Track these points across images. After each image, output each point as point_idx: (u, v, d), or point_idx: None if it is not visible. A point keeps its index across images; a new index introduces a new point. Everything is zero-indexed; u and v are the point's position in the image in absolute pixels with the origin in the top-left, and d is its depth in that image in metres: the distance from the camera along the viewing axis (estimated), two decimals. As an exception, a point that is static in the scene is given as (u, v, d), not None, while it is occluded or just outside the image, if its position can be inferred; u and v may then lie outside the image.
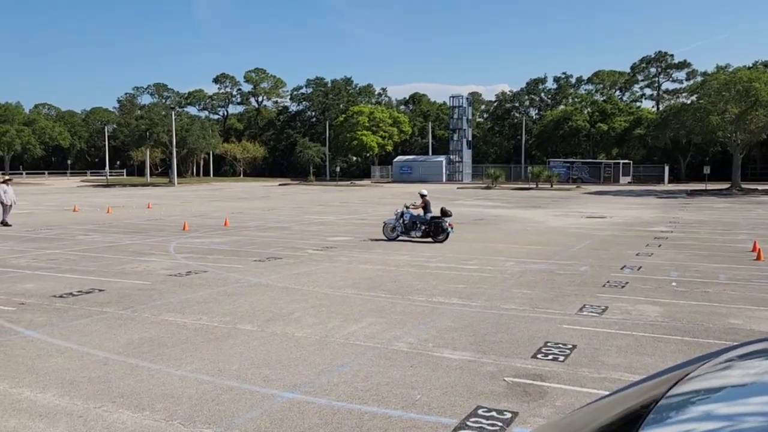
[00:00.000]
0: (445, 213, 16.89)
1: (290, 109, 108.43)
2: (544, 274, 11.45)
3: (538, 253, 14.23)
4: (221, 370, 5.92)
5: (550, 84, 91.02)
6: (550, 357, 6.34)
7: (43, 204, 33.85)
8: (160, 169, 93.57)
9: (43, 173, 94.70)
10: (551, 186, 56.12)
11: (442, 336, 7.13)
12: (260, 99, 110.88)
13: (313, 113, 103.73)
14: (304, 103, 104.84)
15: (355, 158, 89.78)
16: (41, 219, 23.88)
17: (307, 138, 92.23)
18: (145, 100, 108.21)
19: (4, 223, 20.72)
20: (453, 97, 78.39)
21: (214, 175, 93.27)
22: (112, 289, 9.83)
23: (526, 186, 57.92)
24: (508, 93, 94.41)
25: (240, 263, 12.67)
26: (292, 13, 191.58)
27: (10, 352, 6.48)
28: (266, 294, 9.57)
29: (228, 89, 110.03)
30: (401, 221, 17.19)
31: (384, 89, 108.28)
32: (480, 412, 4.91)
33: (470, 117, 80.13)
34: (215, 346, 6.71)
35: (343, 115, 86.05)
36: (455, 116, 77.13)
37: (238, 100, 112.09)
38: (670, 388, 1.27)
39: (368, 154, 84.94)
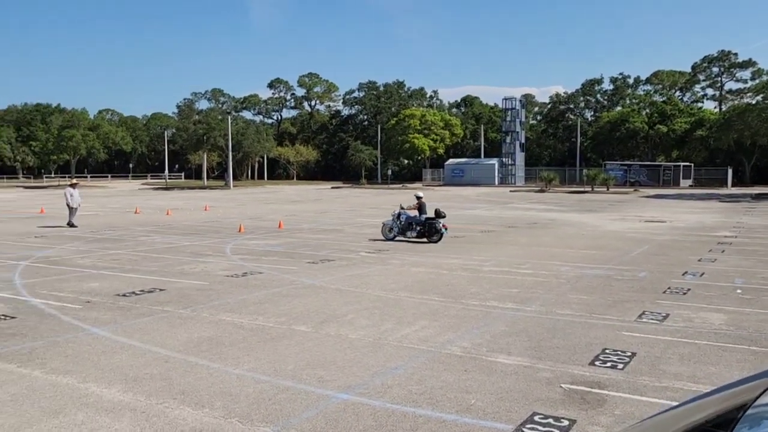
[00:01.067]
0: (438, 214, 17.38)
1: (342, 113, 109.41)
2: (600, 279, 11.20)
3: (595, 258, 13.93)
4: (277, 370, 6.01)
5: (607, 85, 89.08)
6: (609, 364, 6.20)
7: (107, 206, 35.12)
8: (216, 173, 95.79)
9: (107, 176, 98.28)
10: (607, 189, 54.85)
11: (496, 341, 7.06)
12: (313, 103, 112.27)
13: (365, 117, 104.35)
14: (356, 106, 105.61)
15: (406, 161, 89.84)
16: (105, 220, 24.78)
17: (359, 141, 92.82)
18: (203, 105, 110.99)
19: (71, 225, 21.60)
20: (506, 99, 77.59)
21: (268, 179, 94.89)
22: (172, 289, 10.11)
23: (581, 189, 56.78)
24: (563, 94, 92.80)
25: (294, 265, 12.85)
26: (345, 18, 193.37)
27: (77, 348, 6.74)
28: (320, 295, 9.67)
29: (282, 94, 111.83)
30: (398, 222, 17.72)
31: (435, 92, 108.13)
32: (536, 418, 4.84)
33: (523, 119, 79.15)
34: (271, 347, 6.82)
35: (395, 119, 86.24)
36: (508, 118, 76.29)
37: (292, 104, 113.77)
38: (758, 396, 1.23)
39: (420, 157, 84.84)
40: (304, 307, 8.85)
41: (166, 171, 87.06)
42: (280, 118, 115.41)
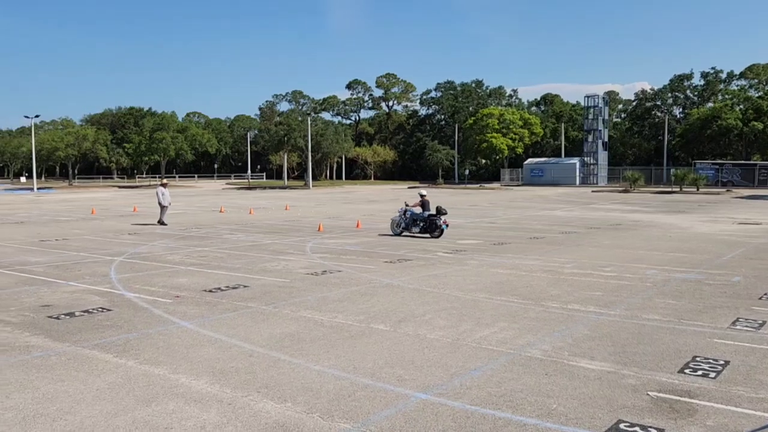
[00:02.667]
0: (439, 211, 18.35)
1: (420, 113, 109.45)
2: (690, 283, 10.70)
3: (683, 261, 13.32)
4: (356, 367, 6.09)
5: (697, 80, 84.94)
6: (700, 372, 5.92)
7: (194, 205, 36.61)
8: (296, 173, 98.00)
9: (193, 176, 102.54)
10: (697, 189, 52.34)
11: (578, 345, 6.88)
12: (391, 103, 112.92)
13: (443, 116, 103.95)
14: (433, 106, 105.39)
15: (484, 161, 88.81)
16: (192, 219, 25.85)
17: (437, 141, 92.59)
18: (283, 107, 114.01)
19: (161, 222, 22.66)
20: (588, 96, 75.37)
21: (346, 179, 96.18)
22: (256, 286, 10.43)
23: (669, 189, 54.41)
24: (649, 91, 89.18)
25: (372, 264, 12.97)
26: (423, 18, 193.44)
27: (168, 340, 7.08)
28: (398, 295, 9.72)
29: (360, 95, 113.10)
30: (404, 218, 18.83)
31: (515, 91, 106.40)
32: (622, 426, 4.68)
33: (606, 117, 76.66)
34: (350, 344, 6.92)
35: (473, 118, 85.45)
36: (590, 116, 74.08)
37: (370, 105, 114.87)
38: None
39: (498, 157, 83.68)
40: (382, 305, 8.92)
41: (249, 171, 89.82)
42: (358, 118, 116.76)
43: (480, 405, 5.10)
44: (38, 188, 66.30)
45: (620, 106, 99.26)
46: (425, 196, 19.13)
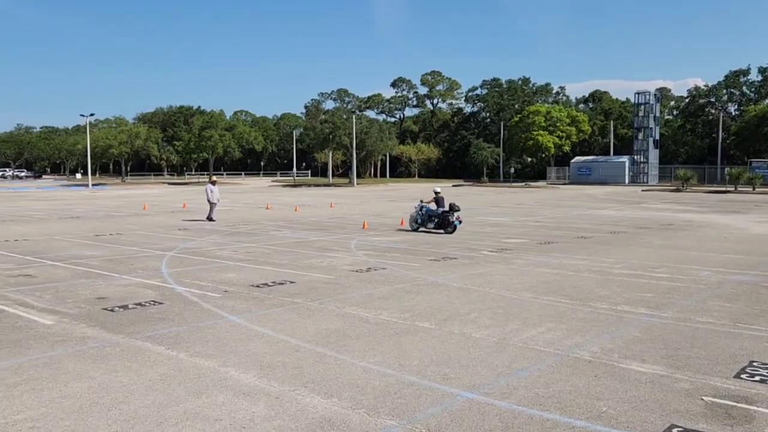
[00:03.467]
0: (452, 208, 19.04)
1: (465, 111, 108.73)
2: (746, 285, 10.34)
3: (739, 263, 12.88)
4: (402, 365, 6.10)
5: (754, 76, 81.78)
6: (757, 378, 5.72)
7: (241, 202, 37.23)
8: (340, 170, 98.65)
9: (240, 174, 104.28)
10: (753, 189, 50.56)
11: (628, 347, 6.73)
12: (435, 101, 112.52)
13: (488, 114, 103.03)
14: (478, 104, 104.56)
15: (530, 159, 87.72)
16: (239, 216, 26.29)
17: (482, 139, 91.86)
18: (329, 105, 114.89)
19: (210, 219, 23.13)
20: (638, 93, 73.62)
21: (390, 176, 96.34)
22: (302, 282, 10.55)
23: (723, 189, 52.73)
24: (703, 87, 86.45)
25: (416, 262, 12.96)
26: (469, 16, 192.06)
27: (217, 334, 7.22)
28: (443, 293, 9.69)
29: (404, 92, 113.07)
30: (420, 214, 19.63)
31: (562, 88, 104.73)
32: (675, 431, 4.56)
33: (657, 114, 74.67)
34: (395, 341, 6.93)
35: (519, 116, 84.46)
36: (640, 114, 72.31)
37: (414, 102, 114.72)
38: None
39: (544, 155, 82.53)
40: (427, 303, 8.90)
41: (294, 169, 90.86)
42: (402, 116, 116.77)
43: (527, 405, 5.04)
44: (93, 185, 68.48)
45: (672, 103, 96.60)
46: (439, 193, 19.88)
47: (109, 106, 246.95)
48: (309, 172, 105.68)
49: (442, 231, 19.05)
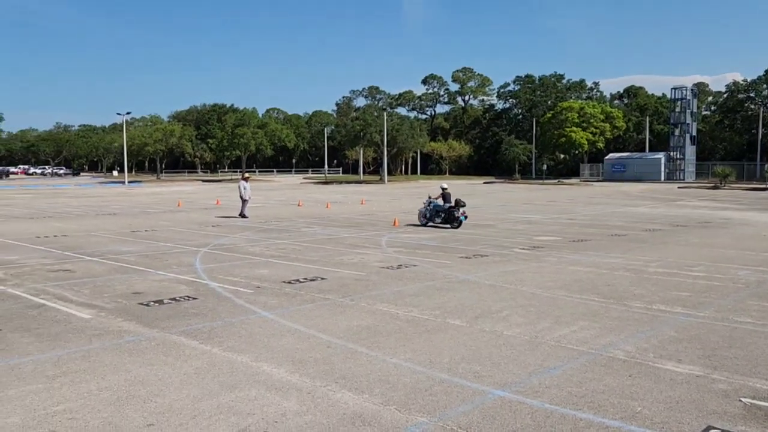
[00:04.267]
0: (458, 204, 19.74)
1: (496, 107, 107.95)
2: (787, 285, 10.06)
3: (780, 262, 12.54)
4: (433, 362, 6.09)
5: (796, 70, 79.48)
6: (798, 380, 5.56)
7: (272, 199, 37.57)
8: (371, 168, 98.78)
9: (272, 171, 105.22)
10: (795, 186, 49.14)
11: (664, 346, 6.61)
12: (467, 98, 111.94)
13: (520, 110, 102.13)
14: (510, 100, 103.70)
15: (562, 156, 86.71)
16: (271, 212, 26.54)
17: (513, 136, 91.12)
18: (360, 102, 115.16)
19: (242, 215, 23.39)
20: (674, 88, 72.17)
21: (421, 173, 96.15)
22: (333, 278, 10.60)
23: (763, 186, 51.36)
24: (742, 82, 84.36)
25: (447, 259, 12.91)
26: (502, 11, 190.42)
27: (250, 329, 7.30)
28: (474, 290, 9.64)
29: (435, 89, 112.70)
30: (429, 209, 20.45)
31: (596, 83, 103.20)
32: (712, 432, 4.47)
33: (695, 110, 73.13)
34: (426, 338, 6.92)
35: (551, 112, 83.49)
36: (677, 109, 70.90)
37: (445, 99, 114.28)
38: None
39: (577, 152, 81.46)
40: (458, 301, 8.87)
41: (326, 166, 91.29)
42: (433, 113, 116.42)
43: (560, 404, 4.98)
44: (129, 182, 69.82)
45: (710, 99, 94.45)
46: (446, 189, 20.57)
47: (145, 104, 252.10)
48: (340, 169, 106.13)
49: (448, 225, 19.70)
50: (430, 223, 20.25)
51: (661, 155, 71.40)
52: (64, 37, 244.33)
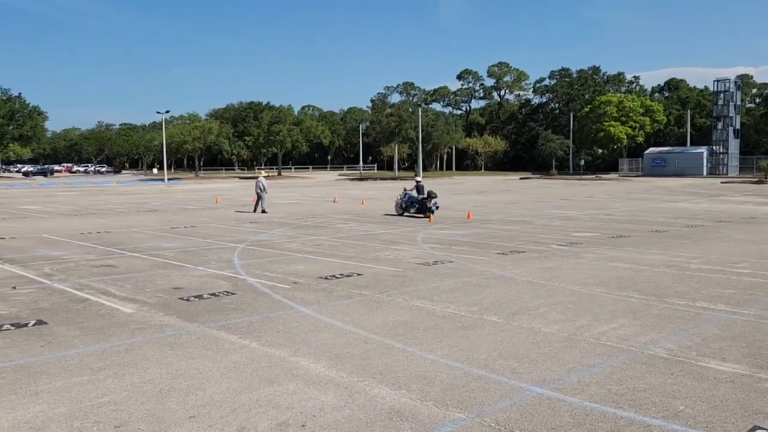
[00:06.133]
0: (430, 195, 21.59)
1: (533, 102, 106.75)
2: (837, 283, 9.73)
3: (829, 259, 12.13)
4: (470, 358, 6.06)
5: None
6: None
7: (308, 195, 37.86)
8: (406, 164, 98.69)
9: (308, 167, 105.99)
10: None
11: (707, 344, 6.46)
12: (502, 93, 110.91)
13: (557, 105, 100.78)
14: (547, 95, 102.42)
15: (600, 150, 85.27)
16: (307, 209, 26.75)
17: (550, 131, 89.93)
18: (395, 98, 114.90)
19: (263, 211, 24.09)
20: (717, 81, 70.30)
21: (456, 169, 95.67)
22: (369, 274, 10.64)
23: (811, 180, 49.69)
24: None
25: (484, 255, 12.84)
26: (537, 4, 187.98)
27: (287, 324, 7.38)
28: (511, 287, 9.57)
29: (471, 84, 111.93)
30: (404, 200, 22.41)
31: (636, 77, 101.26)
32: (758, 433, 4.35)
33: (738, 102, 71.14)
34: (463, 335, 6.90)
35: (589, 106, 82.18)
36: (720, 102, 69.08)
37: (481, 94, 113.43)
38: None
39: (616, 146, 80.00)
40: (495, 297, 8.81)
41: (361, 162, 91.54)
42: (468, 108, 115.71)
43: (600, 402, 4.92)
44: (168, 179, 71.15)
45: (754, 91, 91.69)
46: (420, 182, 22.81)
47: (184, 102, 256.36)
48: (375, 165, 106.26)
49: (422, 215, 21.61)
50: (406, 214, 22.26)
51: (703, 149, 69.69)
52: (106, 37, 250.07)
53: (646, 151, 75.50)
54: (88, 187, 55.71)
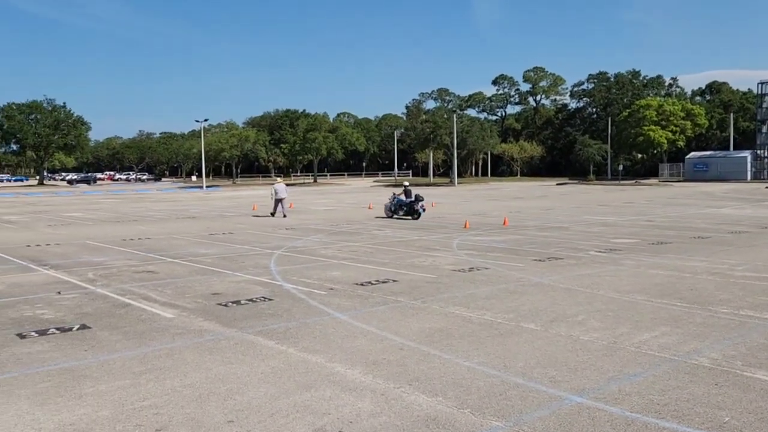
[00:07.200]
0: (417, 198, 23.52)
1: (569, 107, 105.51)
2: None
3: None
4: (507, 366, 6.01)
5: None
6: None
7: (344, 202, 38.06)
8: (441, 170, 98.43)
9: (343, 174, 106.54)
10: None
11: (753, 354, 6.27)
12: (538, 98, 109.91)
13: (594, 109, 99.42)
14: (584, 99, 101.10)
15: (640, 155, 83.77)
16: (342, 215, 26.87)
17: (587, 135, 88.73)
18: (429, 105, 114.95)
19: (283, 215, 25.01)
20: (761, 83, 68.50)
21: (491, 175, 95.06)
22: (404, 281, 10.63)
23: None
24: (838, 74, 78.96)
25: (520, 262, 12.71)
26: (574, 7, 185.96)
27: (324, 330, 7.42)
28: (548, 294, 9.45)
29: (506, 90, 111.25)
30: (393, 204, 24.04)
31: (675, 79, 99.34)
32: (808, 447, 4.21)
33: (784, 105, 69.03)
34: (500, 342, 6.84)
35: (628, 110, 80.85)
36: (764, 105, 67.30)
37: (516, 100, 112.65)
38: None
39: (655, 151, 78.49)
40: (532, 304, 8.72)
41: (395, 169, 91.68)
42: (504, 114, 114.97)
43: (641, 412, 4.81)
44: (206, 186, 72.34)
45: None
46: (408, 186, 24.64)
47: (221, 111, 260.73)
48: (410, 172, 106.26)
49: (410, 217, 23.31)
50: (395, 216, 23.82)
51: (746, 153, 67.88)
52: (146, 47, 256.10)
53: (688, 156, 73.91)
54: (130, 194, 56.98)
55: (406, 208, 23.55)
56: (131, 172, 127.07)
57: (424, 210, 23.42)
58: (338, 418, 4.79)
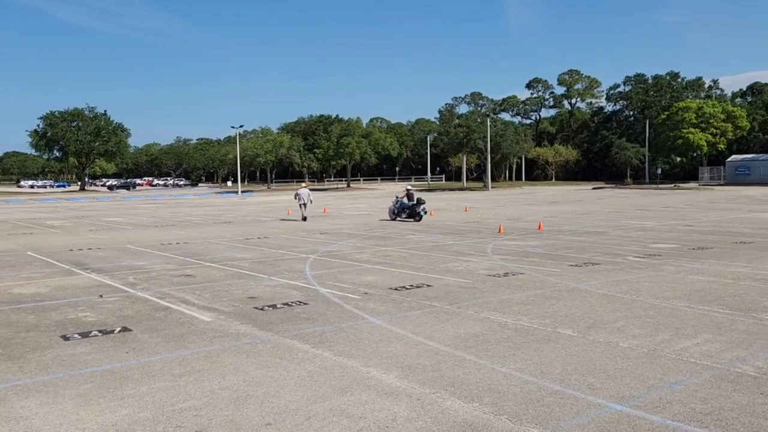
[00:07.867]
0: (419, 201, 24.92)
1: (605, 110, 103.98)
2: None
3: None
4: (544, 372, 5.94)
5: None
6: None
7: (377, 206, 38.12)
8: (474, 174, 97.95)
9: (376, 179, 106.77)
10: None
11: (800, 363, 6.09)
12: (573, 101, 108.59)
13: (631, 112, 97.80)
14: (621, 102, 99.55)
15: (679, 159, 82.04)
16: (376, 220, 26.92)
17: (624, 139, 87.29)
18: (462, 109, 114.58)
19: (303, 218, 25.95)
20: (807, 83, 66.37)
21: (525, 179, 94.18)
22: (438, 285, 10.60)
23: None
24: None
25: (556, 267, 12.56)
26: (610, 9, 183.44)
27: (359, 335, 7.44)
28: (585, 299, 9.32)
29: (540, 93, 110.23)
30: (396, 207, 25.38)
31: (715, 81, 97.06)
32: None
33: (831, 106, 66.89)
34: (536, 348, 6.77)
35: (666, 113, 79.25)
36: (810, 106, 65.16)
37: (551, 103, 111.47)
38: None
39: (695, 154, 76.78)
40: (569, 310, 8.60)
41: (429, 173, 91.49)
42: (538, 117, 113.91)
43: (683, 421, 4.71)
44: (242, 191, 73.25)
45: None
46: (410, 189, 26.17)
47: (257, 117, 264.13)
48: (443, 176, 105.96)
49: (412, 219, 24.58)
50: (398, 219, 25.03)
51: (791, 156, 65.93)
52: (183, 56, 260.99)
53: (729, 159, 72.16)
54: (168, 199, 58.04)
55: (408, 211, 24.92)
56: (169, 178, 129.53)
57: (425, 213, 24.78)
58: (374, 422, 4.80)
